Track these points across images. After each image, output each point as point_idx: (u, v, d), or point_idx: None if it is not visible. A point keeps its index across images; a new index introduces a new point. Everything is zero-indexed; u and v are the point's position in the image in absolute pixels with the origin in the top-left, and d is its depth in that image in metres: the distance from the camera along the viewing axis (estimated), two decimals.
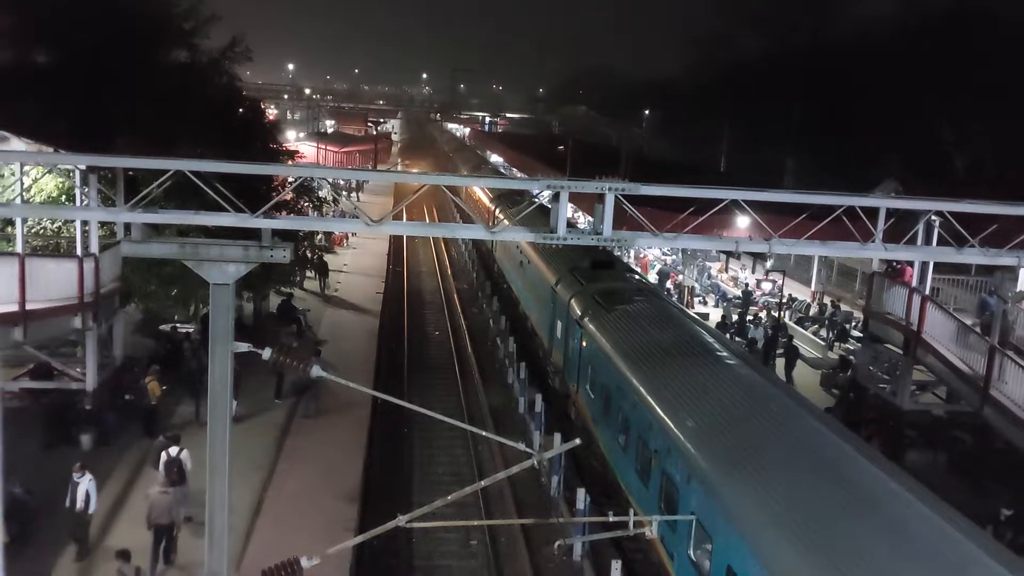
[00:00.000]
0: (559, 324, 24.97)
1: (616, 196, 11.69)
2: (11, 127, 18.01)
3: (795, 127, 66.63)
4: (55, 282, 19.26)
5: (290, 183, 19.81)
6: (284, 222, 12.83)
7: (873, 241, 14.24)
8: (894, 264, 24.56)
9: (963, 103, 55.05)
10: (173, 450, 17.49)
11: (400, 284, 44.01)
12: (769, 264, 38.44)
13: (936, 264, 22.99)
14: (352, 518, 18.35)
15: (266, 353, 9.69)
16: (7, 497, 15.40)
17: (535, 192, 13.00)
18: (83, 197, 19.20)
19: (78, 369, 21.17)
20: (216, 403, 11.28)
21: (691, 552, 13.38)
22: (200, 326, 25.96)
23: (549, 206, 13.19)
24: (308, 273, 37.45)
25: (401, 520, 9.24)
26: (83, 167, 18.45)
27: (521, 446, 9.81)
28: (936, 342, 20.73)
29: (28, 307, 18.48)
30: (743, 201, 12.27)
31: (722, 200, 12.50)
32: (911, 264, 23.25)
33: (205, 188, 11.92)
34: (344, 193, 40.02)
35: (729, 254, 21.48)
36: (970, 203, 14.18)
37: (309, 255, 35.52)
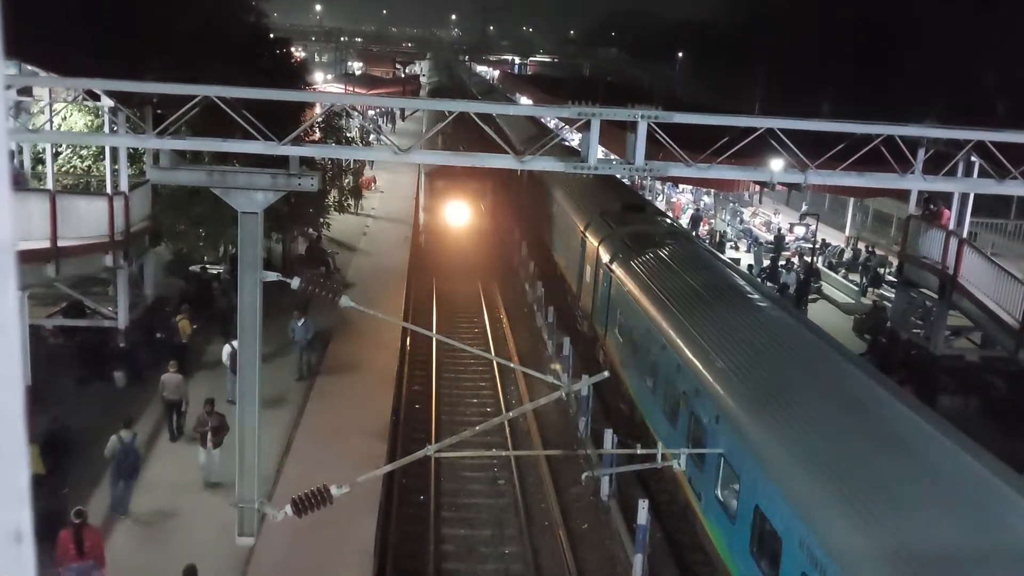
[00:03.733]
0: (588, 268, 24.78)
1: (649, 125, 11.41)
2: (39, 62, 17.94)
3: (833, 71, 65.07)
4: (86, 220, 19.40)
5: (319, 111, 19.76)
6: (311, 149, 12.72)
7: (912, 172, 13.84)
8: (931, 207, 24.05)
9: (1006, 46, 53.43)
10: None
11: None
12: (803, 208, 37.90)
13: (974, 208, 22.48)
14: (381, 455, 18.48)
15: (295, 282, 9.65)
16: (43, 431, 15.71)
17: (565, 118, 12.77)
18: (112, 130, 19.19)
19: (110, 308, 21.40)
20: (245, 330, 11.29)
21: (718, 492, 13.33)
22: (229, 266, 26.08)
23: (579, 149, 12.92)
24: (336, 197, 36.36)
25: (430, 450, 9.25)
26: (112, 101, 18.40)
27: (549, 378, 9.76)
28: (972, 286, 20.35)
29: (60, 244, 18.62)
30: (779, 130, 11.93)
31: (757, 129, 12.16)
32: (948, 207, 22.75)
33: (234, 116, 11.79)
34: (372, 137, 39.76)
35: (764, 185, 21.11)
36: (1013, 132, 13.69)
37: (340, 194, 35.26)
